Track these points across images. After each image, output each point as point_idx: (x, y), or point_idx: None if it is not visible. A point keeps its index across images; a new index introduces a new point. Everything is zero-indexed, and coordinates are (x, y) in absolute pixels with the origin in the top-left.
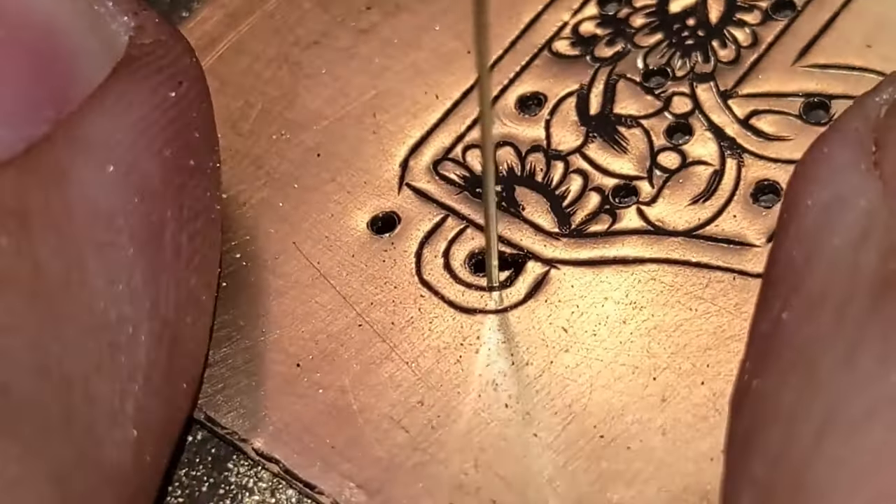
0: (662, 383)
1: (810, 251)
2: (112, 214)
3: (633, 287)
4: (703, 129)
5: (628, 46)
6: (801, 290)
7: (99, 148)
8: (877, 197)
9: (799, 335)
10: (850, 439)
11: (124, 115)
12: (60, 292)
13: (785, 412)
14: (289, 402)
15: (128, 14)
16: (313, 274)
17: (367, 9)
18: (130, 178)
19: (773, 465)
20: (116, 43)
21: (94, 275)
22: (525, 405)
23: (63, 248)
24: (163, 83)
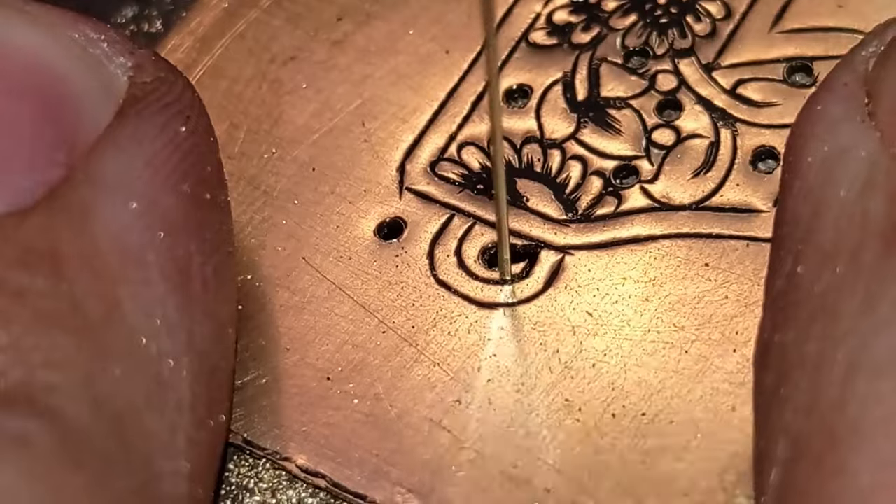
0: (695, 355)
1: (817, 205)
2: (141, 251)
3: (650, 264)
4: (693, 104)
5: (604, 30)
6: (813, 244)
7: (119, 186)
8: (876, 146)
9: (816, 287)
10: (877, 381)
11: (139, 152)
12: (102, 329)
13: (811, 362)
14: (325, 416)
15: (124, 55)
16: (328, 287)
17: (339, 20)
18: (153, 213)
19: (805, 413)
20: (117, 84)
21: (131, 311)
22: (563, 392)
23: (98, 286)
24: (171, 119)
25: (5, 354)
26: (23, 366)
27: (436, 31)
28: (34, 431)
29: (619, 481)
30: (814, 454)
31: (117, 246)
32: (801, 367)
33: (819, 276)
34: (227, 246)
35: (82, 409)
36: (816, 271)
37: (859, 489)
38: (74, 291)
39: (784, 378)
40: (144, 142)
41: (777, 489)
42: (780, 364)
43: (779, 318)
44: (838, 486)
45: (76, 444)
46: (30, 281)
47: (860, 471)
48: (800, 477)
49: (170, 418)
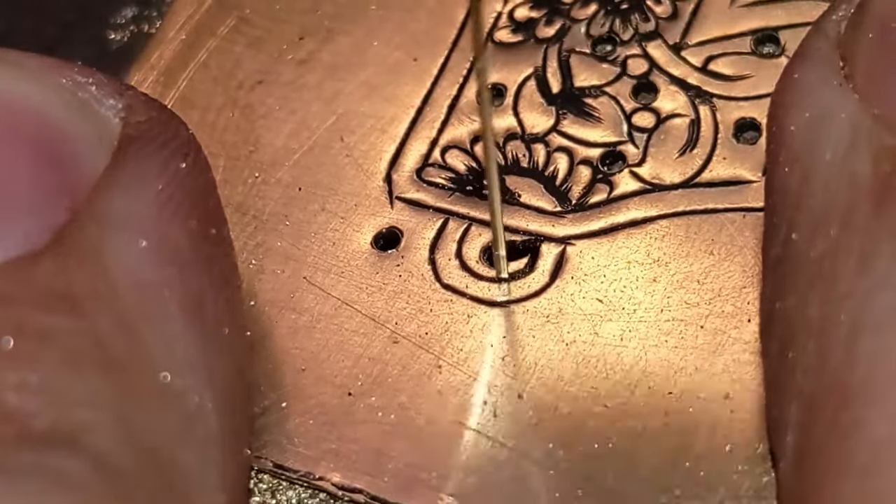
0: (711, 329)
1: (804, 172)
2: (156, 287)
3: (651, 246)
4: (667, 84)
5: (567, 22)
6: (804, 210)
7: (126, 224)
8: (855, 108)
9: (812, 252)
10: (881, 338)
11: (143, 190)
12: (127, 366)
13: (815, 325)
14: (352, 432)
15: (114, 97)
16: (334, 303)
17: (301, 39)
18: (164, 249)
19: (815, 375)
20: (110, 126)
21: (153, 347)
22: (586, 381)
23: (118, 324)
24: (171, 156)
25: (38, 396)
26: (56, 406)
27: (400, 40)
28: (76, 469)
29: (659, 461)
30: (827, 414)
31: (132, 283)
32: (805, 331)
33: (813, 241)
34: (235, 279)
35: (118, 445)
36: (810, 236)
37: (875, 443)
38: (96, 330)
39: (790, 343)
40: (147, 180)
41: (794, 451)
42: (785, 330)
43: (779, 286)
44: (854, 442)
45: (117, 480)
46: (52, 322)
47: (875, 425)
48: (815, 437)
49: (201, 452)
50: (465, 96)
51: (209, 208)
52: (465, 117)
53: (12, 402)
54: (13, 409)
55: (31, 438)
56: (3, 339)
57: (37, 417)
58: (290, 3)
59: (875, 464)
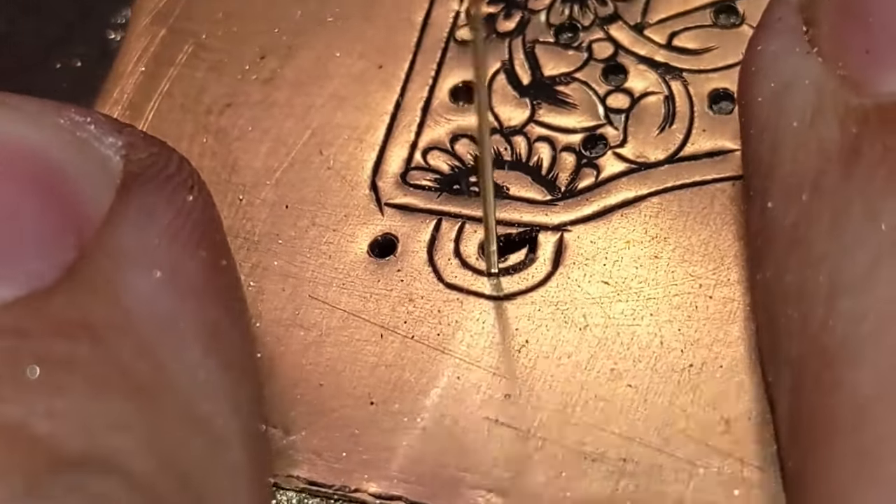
0: (721, 299)
1: (773, 141)
2: (172, 316)
3: (647, 223)
4: (636, 64)
5: (526, 14)
6: (776, 179)
7: (138, 257)
8: (819, 72)
9: (786, 219)
10: (856, 298)
11: (151, 223)
12: (153, 391)
13: (793, 291)
14: (382, 440)
15: (113, 134)
16: (341, 315)
17: (262, 59)
18: (178, 280)
19: (798, 339)
20: (111, 164)
21: (176, 374)
22: (606, 362)
23: (140, 352)
24: (176, 190)
25: (68, 421)
26: (87, 431)
27: (362, 49)
28: (113, 490)
29: (691, 435)
30: (812, 375)
31: (148, 313)
32: (785, 298)
33: (787, 208)
34: (246, 310)
35: (153, 468)
36: (784, 204)
37: (857, 402)
38: (118, 357)
39: (774, 312)
40: (155, 213)
41: (787, 417)
42: (768, 299)
43: (758, 257)
44: (838, 401)
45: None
46: (73, 350)
47: (856, 384)
48: (803, 400)
49: (230, 480)
50: (437, 97)
51: (217, 241)
52: (441, 118)
53: (43, 428)
54: (44, 436)
55: (65, 462)
56: (27, 368)
57: (69, 443)
58: (246, 24)
59: (861, 422)
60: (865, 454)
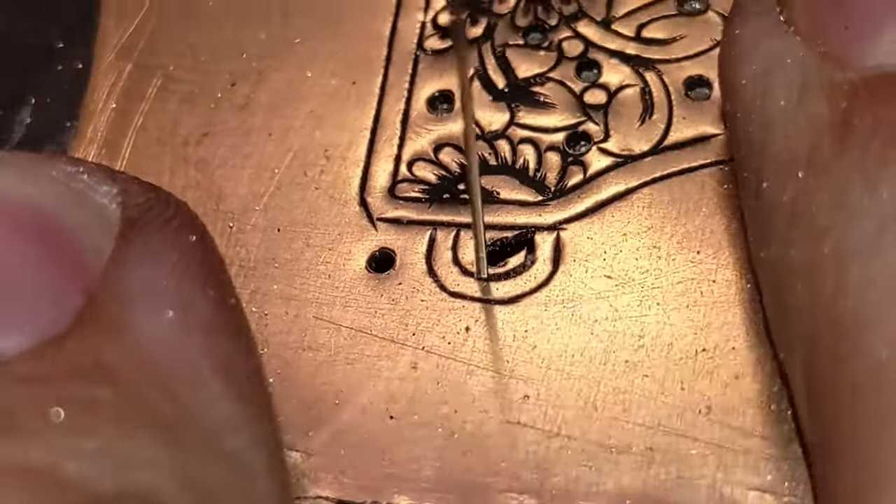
0: (724, 282)
1: (762, 122)
2: (188, 353)
3: (641, 214)
4: (608, 59)
5: (492, 19)
6: (769, 159)
7: (148, 297)
8: (800, 51)
9: (784, 197)
10: (866, 264)
11: (158, 265)
12: (179, 428)
13: (800, 265)
14: (406, 452)
15: (107, 182)
16: (348, 333)
17: (233, 85)
18: (189, 319)
19: (808, 313)
20: (107, 211)
21: (197, 409)
22: (620, 355)
23: (158, 389)
24: (179, 231)
25: (97, 461)
26: (118, 470)
27: (333, 68)
28: None
29: (713, 418)
30: (826, 347)
31: (163, 352)
32: (792, 273)
33: (783, 186)
34: (255, 346)
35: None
36: (780, 183)
37: (874, 367)
38: (139, 396)
39: (781, 289)
40: (160, 255)
41: (804, 392)
42: (774, 277)
43: (759, 235)
44: (855, 369)
45: None
46: (94, 392)
47: (872, 350)
48: (820, 372)
49: None
50: (414, 109)
51: (223, 279)
52: (421, 128)
53: (73, 470)
54: (75, 477)
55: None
56: (51, 411)
57: (101, 482)
58: (213, 53)
59: (879, 385)
60: (887, 417)
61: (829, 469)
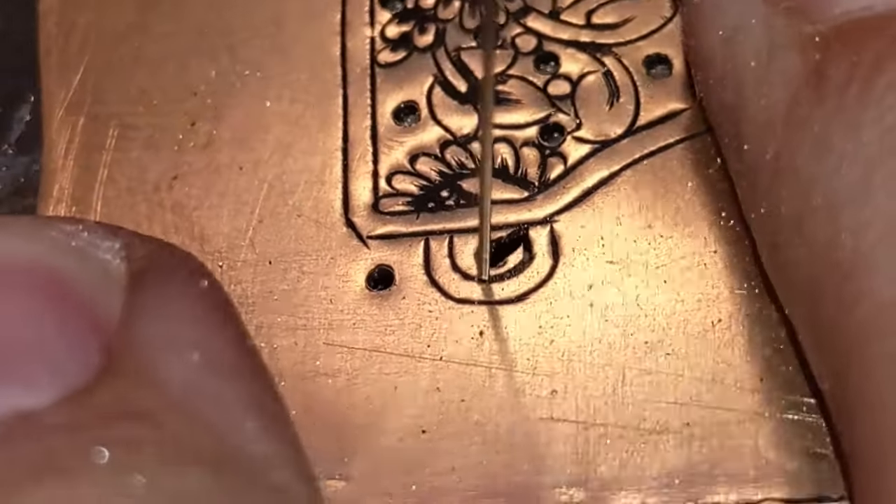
0: (724, 251)
1: (735, 86)
2: (219, 395)
3: (630, 197)
4: (564, 49)
5: (440, 25)
6: (746, 120)
7: (170, 343)
8: (764, 10)
9: (766, 156)
10: (858, 209)
11: (175, 311)
12: (226, 464)
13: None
14: (447, 464)
15: (108, 239)
16: (362, 355)
17: (192, 125)
18: (214, 360)
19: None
20: (111, 267)
21: (237, 445)
22: (638, 337)
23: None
24: (189, 278)
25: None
26: None
27: (290, 94)
28: None
29: (743, 386)
30: (828, 296)
31: (195, 394)
32: (785, 229)
33: (764, 144)
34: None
35: None
36: (760, 141)
37: (879, 308)
38: (181, 435)
39: (776, 246)
40: (175, 302)
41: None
42: (768, 235)
43: (748, 197)
44: (861, 312)
45: None
46: (134, 433)
47: (875, 292)
48: (825, 320)
49: None
50: (381, 123)
51: (238, 323)
52: (392, 141)
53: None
54: None
55: None
56: (94, 452)
57: None
58: (165, 94)
59: (886, 327)
60: None
61: (844, 416)
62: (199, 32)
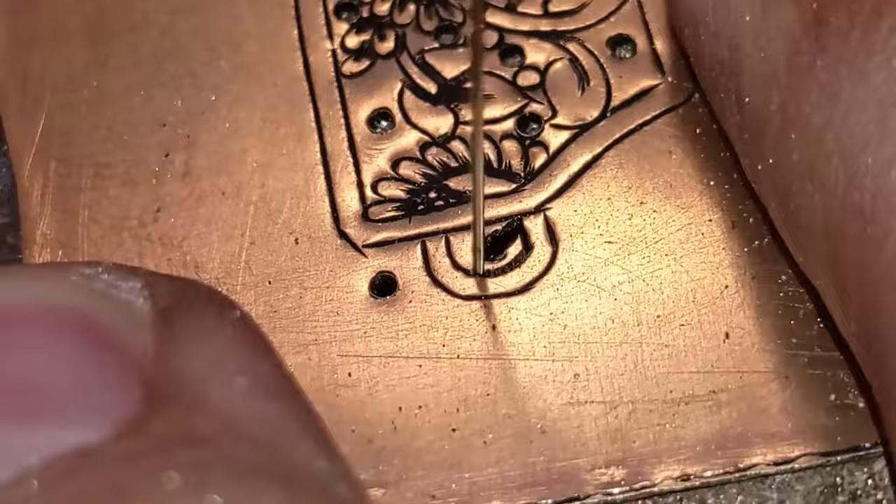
0: (720, 219)
1: (730, 40)
2: (271, 417)
3: (617, 176)
4: (526, 41)
5: (398, 30)
6: (745, 73)
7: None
8: None
9: (771, 106)
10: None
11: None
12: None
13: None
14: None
15: (129, 279)
16: (379, 362)
17: (167, 156)
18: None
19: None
20: (135, 306)
21: (303, 465)
22: (650, 312)
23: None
24: (222, 308)
25: None
26: None
27: (262, 115)
28: None
29: (763, 347)
30: (851, 239)
31: (248, 416)
32: (797, 178)
33: (768, 95)
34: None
35: None
36: (763, 93)
37: None
38: (243, 454)
39: (788, 195)
40: (213, 331)
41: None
42: (778, 186)
43: (752, 151)
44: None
45: None
46: (198, 455)
47: None
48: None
49: None
50: (357, 133)
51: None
52: (371, 150)
53: None
54: None
55: None
56: (163, 477)
57: None
58: (133, 128)
59: None
60: None
61: (873, 359)
62: (157, 62)
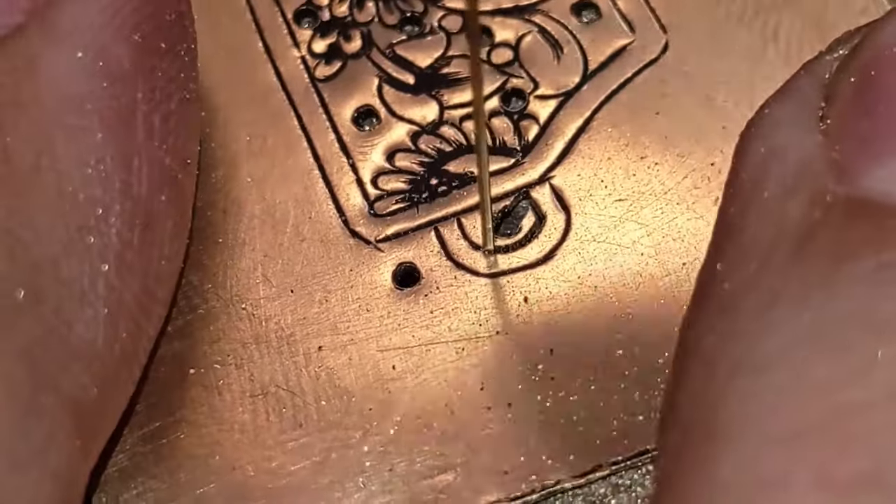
0: (724, 159)
1: (744, 205)
2: (81, 100)
3: (612, 135)
4: (492, 20)
5: (363, 29)
6: (733, 242)
7: (69, 35)
8: (812, 148)
9: (727, 284)
10: (760, 378)
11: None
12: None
13: (707, 356)
14: (547, 427)
15: None
16: (419, 350)
17: None
18: (99, 63)
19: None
20: None
21: (63, 159)
22: (675, 262)
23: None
24: None
25: None
26: None
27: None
28: None
29: None
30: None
31: (58, 94)
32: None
33: (732, 274)
34: (182, 93)
35: None
36: (731, 269)
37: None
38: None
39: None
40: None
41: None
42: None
43: (694, 311)
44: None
45: None
46: None
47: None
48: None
49: (90, 265)
50: (346, 134)
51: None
52: (363, 147)
53: None
54: None
55: None
56: None
57: None
58: None
59: None
60: None
61: None
62: None
